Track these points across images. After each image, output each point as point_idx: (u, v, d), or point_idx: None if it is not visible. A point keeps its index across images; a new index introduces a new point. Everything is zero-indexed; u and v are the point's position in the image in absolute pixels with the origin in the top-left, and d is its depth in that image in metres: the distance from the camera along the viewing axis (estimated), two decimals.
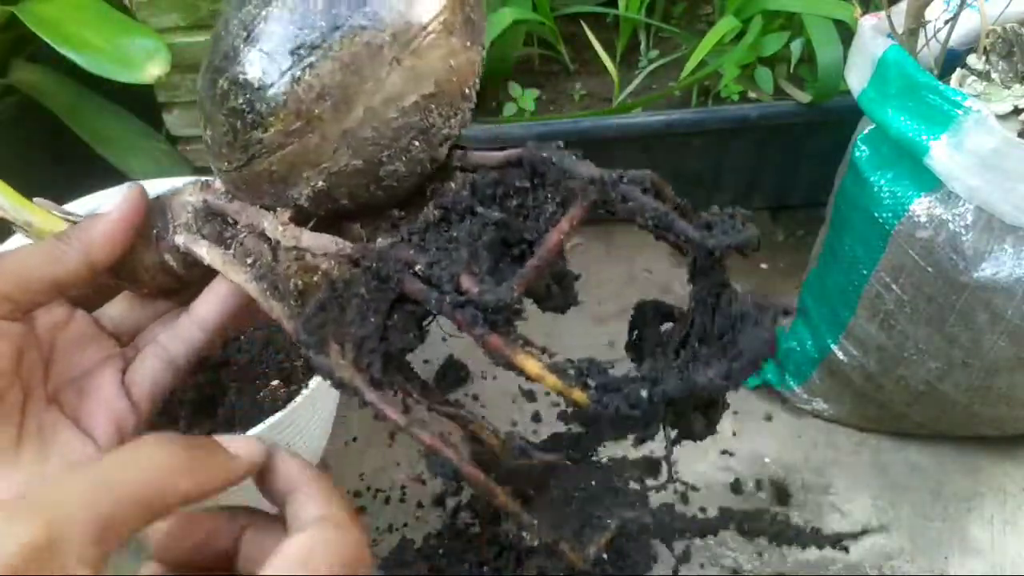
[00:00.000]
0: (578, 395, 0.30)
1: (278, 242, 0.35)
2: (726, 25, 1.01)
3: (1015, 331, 0.74)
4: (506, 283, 0.30)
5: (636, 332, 0.39)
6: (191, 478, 0.28)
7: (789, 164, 1.11)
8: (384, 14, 0.31)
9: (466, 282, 0.30)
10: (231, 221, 0.38)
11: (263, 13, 0.32)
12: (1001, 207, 0.69)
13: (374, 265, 0.32)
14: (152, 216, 0.38)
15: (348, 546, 0.29)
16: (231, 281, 0.36)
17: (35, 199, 0.38)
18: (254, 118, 0.32)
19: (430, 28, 0.32)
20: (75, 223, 0.38)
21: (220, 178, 0.37)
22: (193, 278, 0.39)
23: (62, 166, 0.91)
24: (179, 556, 0.32)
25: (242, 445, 0.32)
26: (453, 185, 0.36)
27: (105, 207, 0.36)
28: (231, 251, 0.36)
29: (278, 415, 0.62)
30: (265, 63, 0.31)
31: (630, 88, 1.11)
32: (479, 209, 0.33)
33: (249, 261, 0.36)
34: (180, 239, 0.37)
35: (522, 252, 0.33)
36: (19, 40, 0.95)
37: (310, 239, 0.35)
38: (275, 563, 0.28)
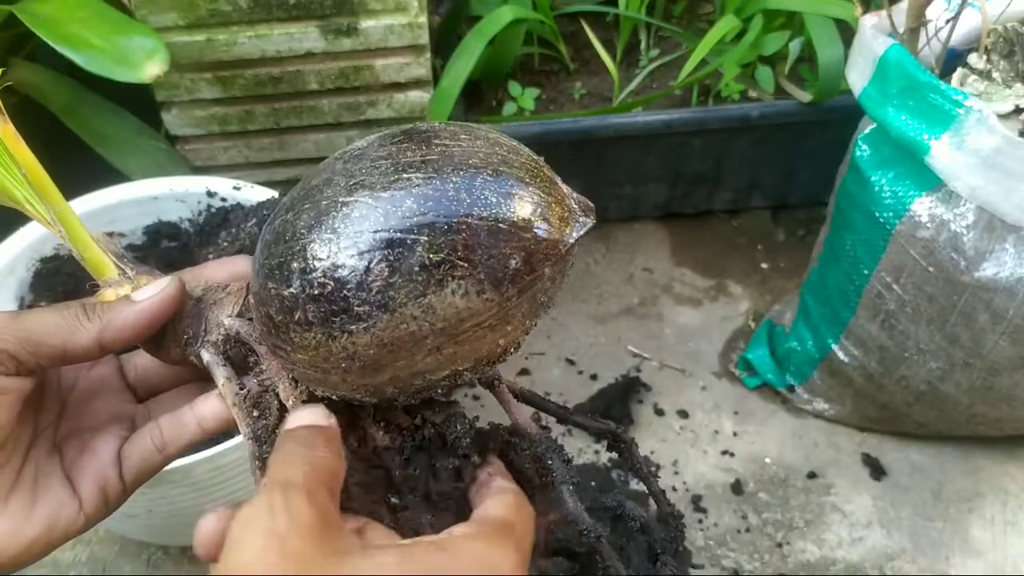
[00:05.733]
0: None
1: (285, 408, 0.36)
2: (727, 24, 1.01)
3: (1016, 331, 0.74)
4: None
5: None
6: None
7: (790, 163, 1.11)
8: (440, 309, 0.30)
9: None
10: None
11: (329, 264, 0.30)
12: (1002, 207, 0.68)
13: (354, 490, 0.34)
14: (186, 319, 0.38)
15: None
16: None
17: (95, 234, 0.39)
18: (288, 337, 0.32)
19: (485, 322, 0.31)
20: (122, 269, 0.39)
21: (256, 319, 0.36)
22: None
23: (60, 165, 0.90)
24: None
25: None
26: (458, 426, 0.37)
27: (145, 290, 0.37)
28: (245, 391, 0.37)
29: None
30: (312, 311, 0.31)
31: (630, 87, 1.11)
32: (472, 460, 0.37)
33: (255, 414, 0.36)
34: (206, 356, 0.38)
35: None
36: (18, 39, 0.95)
37: None
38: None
